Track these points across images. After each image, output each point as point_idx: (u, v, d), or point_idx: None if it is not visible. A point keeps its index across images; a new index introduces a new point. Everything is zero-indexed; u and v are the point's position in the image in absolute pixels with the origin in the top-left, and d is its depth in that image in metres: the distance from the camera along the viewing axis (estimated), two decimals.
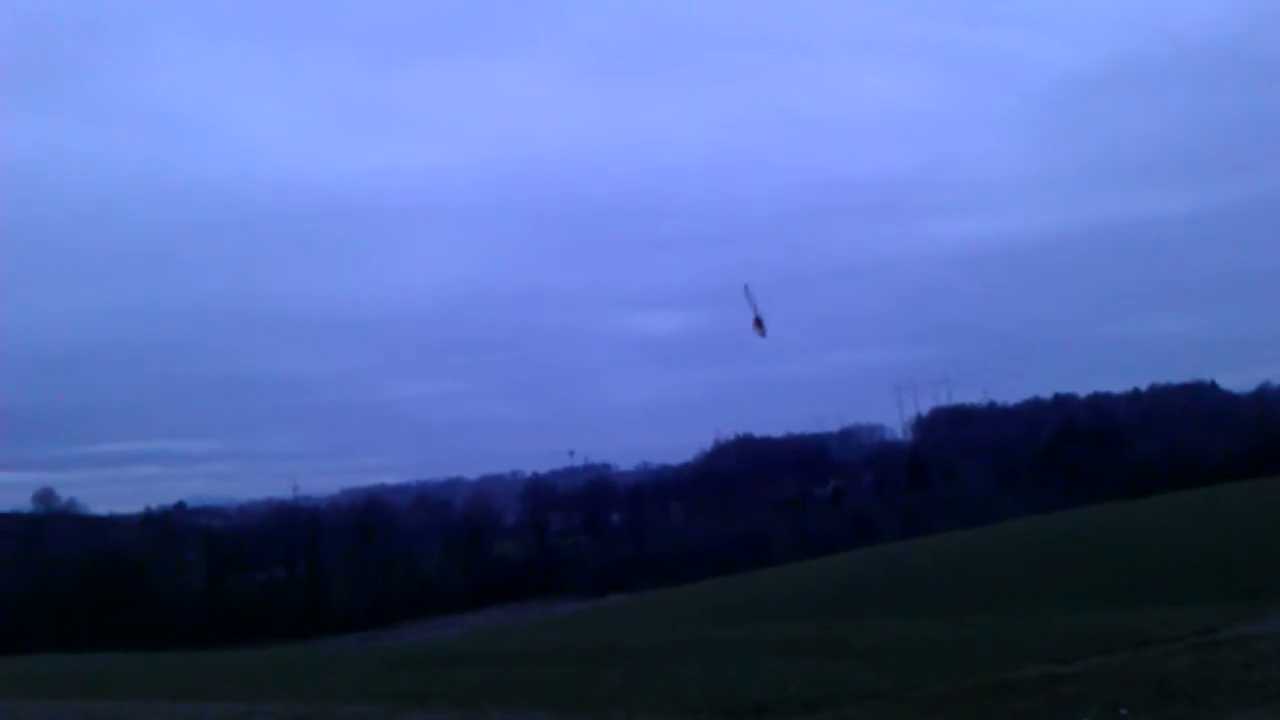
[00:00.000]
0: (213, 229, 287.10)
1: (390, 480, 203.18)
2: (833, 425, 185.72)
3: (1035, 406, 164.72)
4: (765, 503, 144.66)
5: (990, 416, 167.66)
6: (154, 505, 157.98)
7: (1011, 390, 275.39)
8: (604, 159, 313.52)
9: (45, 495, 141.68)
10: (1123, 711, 9.83)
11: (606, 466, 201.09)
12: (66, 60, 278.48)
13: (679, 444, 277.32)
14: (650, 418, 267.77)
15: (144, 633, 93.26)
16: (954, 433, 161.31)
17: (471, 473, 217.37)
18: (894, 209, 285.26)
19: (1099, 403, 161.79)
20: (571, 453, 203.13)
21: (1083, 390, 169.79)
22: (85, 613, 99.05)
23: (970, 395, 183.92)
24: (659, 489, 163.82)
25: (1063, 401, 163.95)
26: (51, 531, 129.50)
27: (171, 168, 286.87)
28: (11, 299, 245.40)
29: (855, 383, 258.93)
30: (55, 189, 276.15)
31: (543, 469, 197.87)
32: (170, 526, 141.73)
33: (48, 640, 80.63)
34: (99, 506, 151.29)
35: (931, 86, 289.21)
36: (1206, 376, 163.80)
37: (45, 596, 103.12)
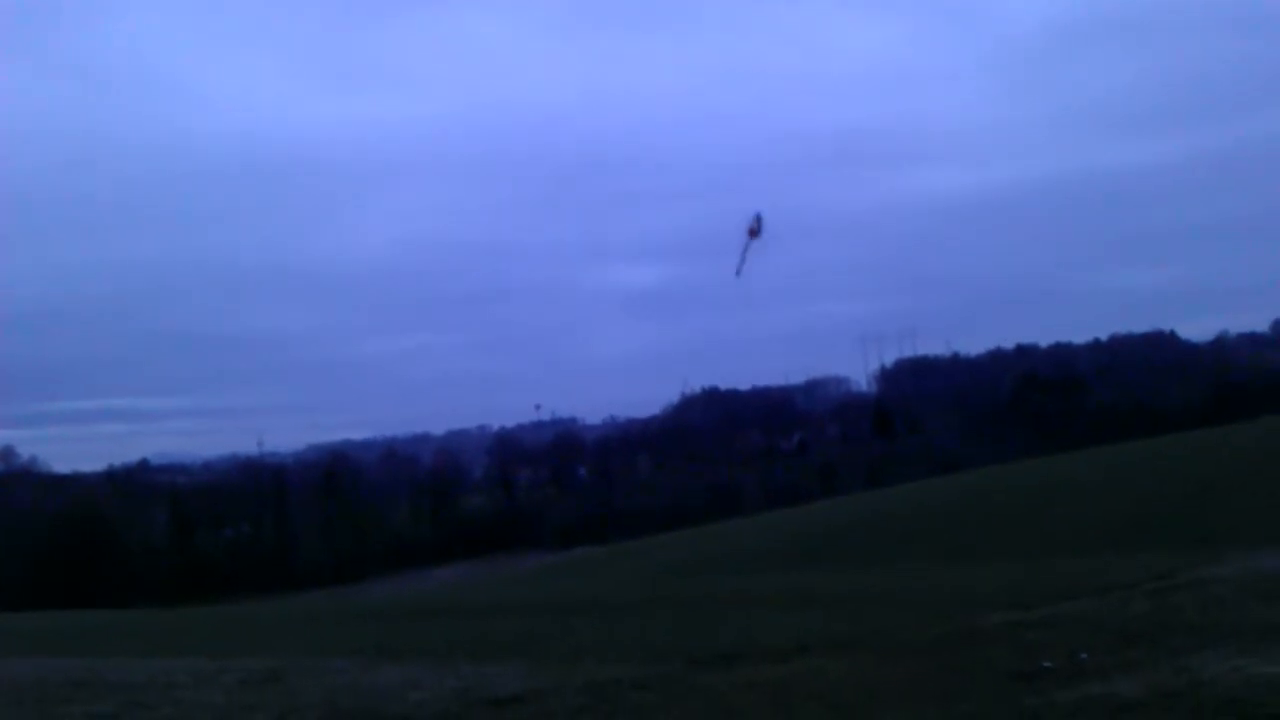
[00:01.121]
0: (182, 183, 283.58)
1: (356, 436, 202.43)
2: (799, 378, 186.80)
3: (998, 357, 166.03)
4: (732, 455, 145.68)
5: (953, 367, 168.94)
6: (117, 463, 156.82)
7: (975, 341, 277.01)
8: (577, 111, 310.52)
9: (6, 453, 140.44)
10: (1083, 655, 10.05)
11: (574, 420, 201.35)
12: (37, 11, 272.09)
13: (646, 397, 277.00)
14: (618, 371, 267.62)
15: (111, 590, 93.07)
16: (918, 384, 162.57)
17: (438, 428, 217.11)
18: (866, 160, 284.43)
19: (1060, 353, 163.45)
20: (538, 407, 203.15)
21: (1044, 341, 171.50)
22: (51, 571, 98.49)
23: (934, 347, 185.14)
24: (626, 442, 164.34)
25: (1025, 352, 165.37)
26: (13, 489, 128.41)
27: (142, 121, 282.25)
28: None
29: (822, 336, 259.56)
30: (23, 142, 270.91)
31: (510, 423, 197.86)
32: (134, 484, 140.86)
33: (13, 599, 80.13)
34: (61, 465, 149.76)
35: (904, 36, 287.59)
36: (1166, 327, 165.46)
37: (10, 555, 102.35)
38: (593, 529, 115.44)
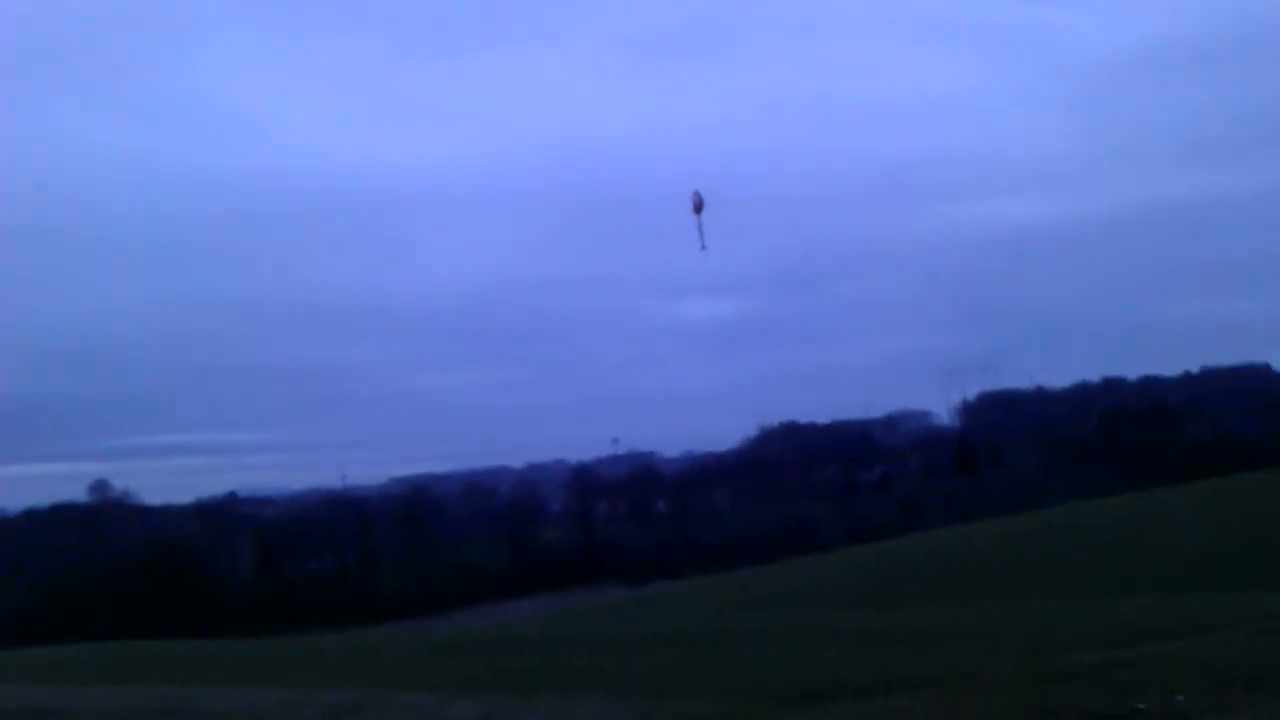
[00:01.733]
0: (260, 222, 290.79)
1: (437, 469, 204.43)
2: (878, 411, 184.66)
3: (1083, 390, 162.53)
4: (811, 489, 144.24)
5: (1038, 401, 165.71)
6: (205, 495, 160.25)
7: (1059, 374, 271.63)
8: (643, 146, 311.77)
9: (100, 486, 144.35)
10: (1179, 698, 9.73)
11: (651, 454, 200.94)
12: (113, 58, 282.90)
13: (723, 431, 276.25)
14: (694, 405, 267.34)
15: (198, 620, 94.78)
16: (1001, 417, 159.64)
17: (516, 461, 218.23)
18: (940, 191, 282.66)
19: (1149, 386, 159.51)
20: (615, 440, 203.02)
21: (1132, 373, 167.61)
22: (142, 601, 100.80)
23: (1017, 380, 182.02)
24: (704, 476, 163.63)
25: (1112, 385, 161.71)
26: (107, 521, 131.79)
27: (218, 162, 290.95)
28: (68, 294, 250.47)
29: (900, 369, 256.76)
30: (106, 185, 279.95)
31: (587, 457, 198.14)
32: (222, 516, 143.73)
33: (105, 628, 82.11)
34: (152, 497, 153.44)
35: (973, 66, 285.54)
36: (1260, 359, 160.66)
37: (103, 585, 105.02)
38: (670, 563, 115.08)
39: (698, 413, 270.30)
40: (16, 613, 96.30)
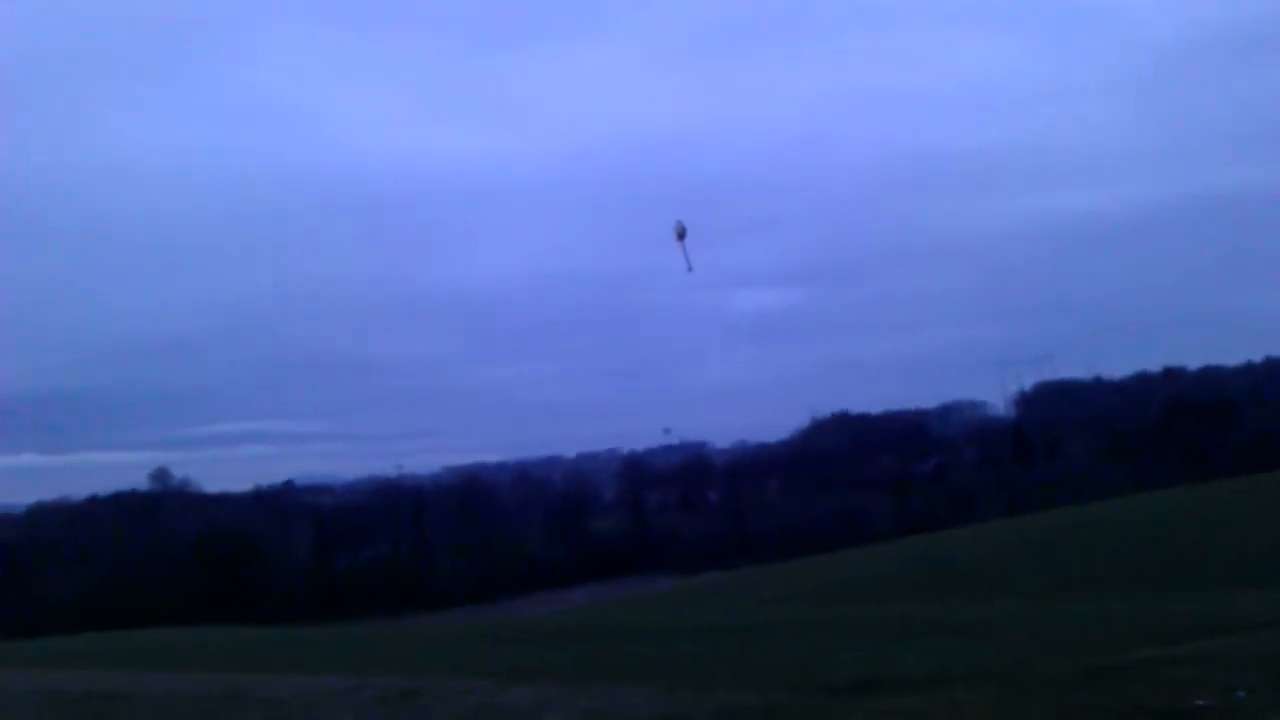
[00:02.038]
0: (320, 216, 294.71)
1: (490, 459, 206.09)
2: (932, 402, 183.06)
3: (1143, 380, 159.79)
4: (864, 480, 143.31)
5: (1096, 391, 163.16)
6: (263, 484, 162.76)
7: (1118, 364, 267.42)
8: (698, 138, 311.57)
9: (161, 474, 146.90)
10: (1239, 694, 9.58)
11: (703, 444, 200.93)
12: (180, 56, 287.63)
13: (776, 421, 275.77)
14: (746, 395, 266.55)
15: (255, 607, 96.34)
16: (1058, 408, 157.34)
17: (569, 451, 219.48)
18: (994, 182, 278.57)
19: (1210, 376, 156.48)
20: (668, 430, 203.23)
21: (1193, 363, 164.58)
22: (201, 588, 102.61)
23: (1075, 370, 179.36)
24: (756, 467, 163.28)
25: (1172, 375, 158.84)
26: (167, 509, 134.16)
27: (279, 157, 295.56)
28: (129, 286, 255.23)
29: (955, 359, 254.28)
30: (170, 180, 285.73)
31: (639, 447, 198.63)
32: (280, 504, 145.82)
33: (165, 614, 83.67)
34: (211, 485, 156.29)
35: (1031, 55, 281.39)
36: None
37: (163, 572, 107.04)
38: (722, 553, 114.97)
39: (750, 403, 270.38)
40: (80, 599, 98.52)
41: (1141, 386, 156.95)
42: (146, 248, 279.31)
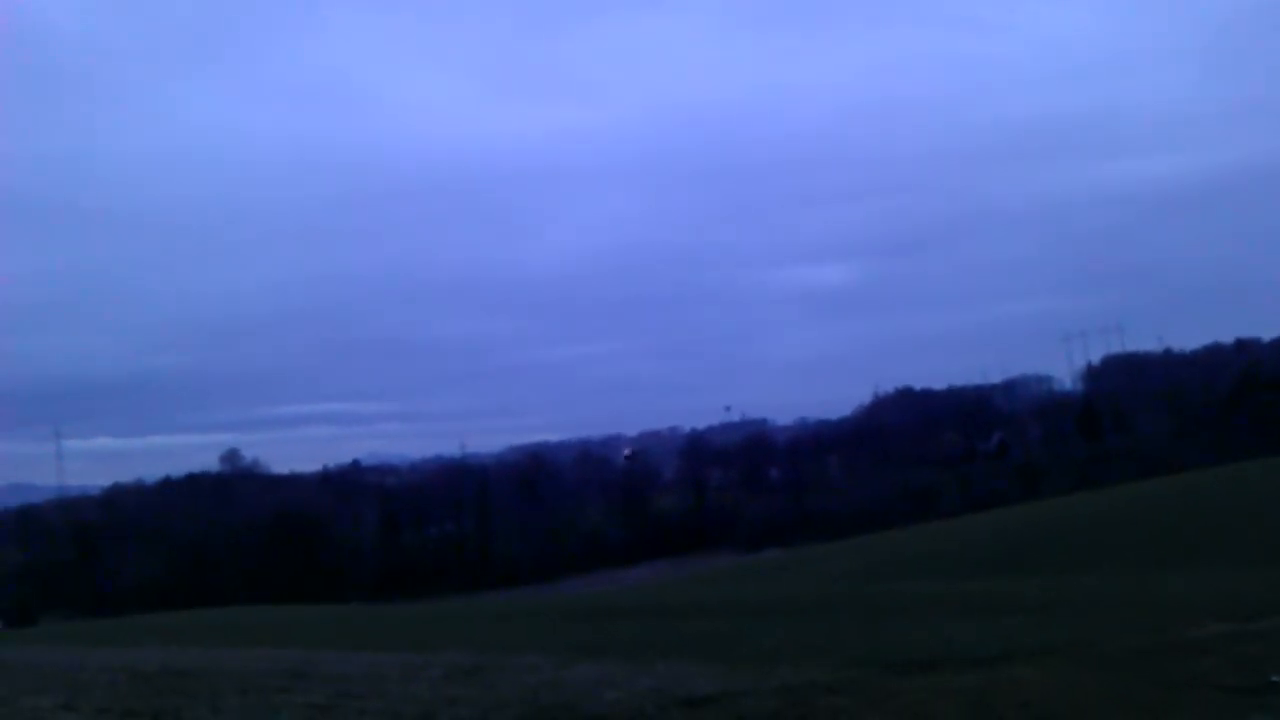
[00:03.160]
0: (385, 196, 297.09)
1: (553, 438, 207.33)
2: (996, 376, 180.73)
3: (1215, 352, 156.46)
4: (928, 456, 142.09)
5: (1167, 364, 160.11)
6: (331, 464, 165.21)
7: (1189, 337, 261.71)
8: (759, 110, 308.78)
9: (231, 455, 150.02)
10: None
11: (764, 421, 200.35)
12: (240, 38, 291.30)
13: (837, 398, 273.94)
14: (808, 372, 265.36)
15: (323, 585, 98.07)
16: (1128, 382, 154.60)
17: (630, 429, 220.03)
18: (1063, 151, 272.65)
19: None
20: (728, 408, 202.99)
21: (1267, 334, 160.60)
22: (270, 567, 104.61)
23: (1144, 343, 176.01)
24: (817, 443, 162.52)
25: (1245, 346, 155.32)
26: (238, 490, 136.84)
27: (343, 140, 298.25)
28: (199, 270, 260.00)
29: (1020, 332, 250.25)
30: (236, 163, 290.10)
31: (700, 425, 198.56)
32: (347, 484, 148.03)
33: (236, 592, 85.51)
34: (280, 466, 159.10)
35: (1103, 19, 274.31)
36: None
37: (234, 552, 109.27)
38: (784, 530, 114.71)
39: (812, 380, 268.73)
40: (155, 578, 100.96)
41: (1213, 358, 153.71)
42: (215, 232, 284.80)
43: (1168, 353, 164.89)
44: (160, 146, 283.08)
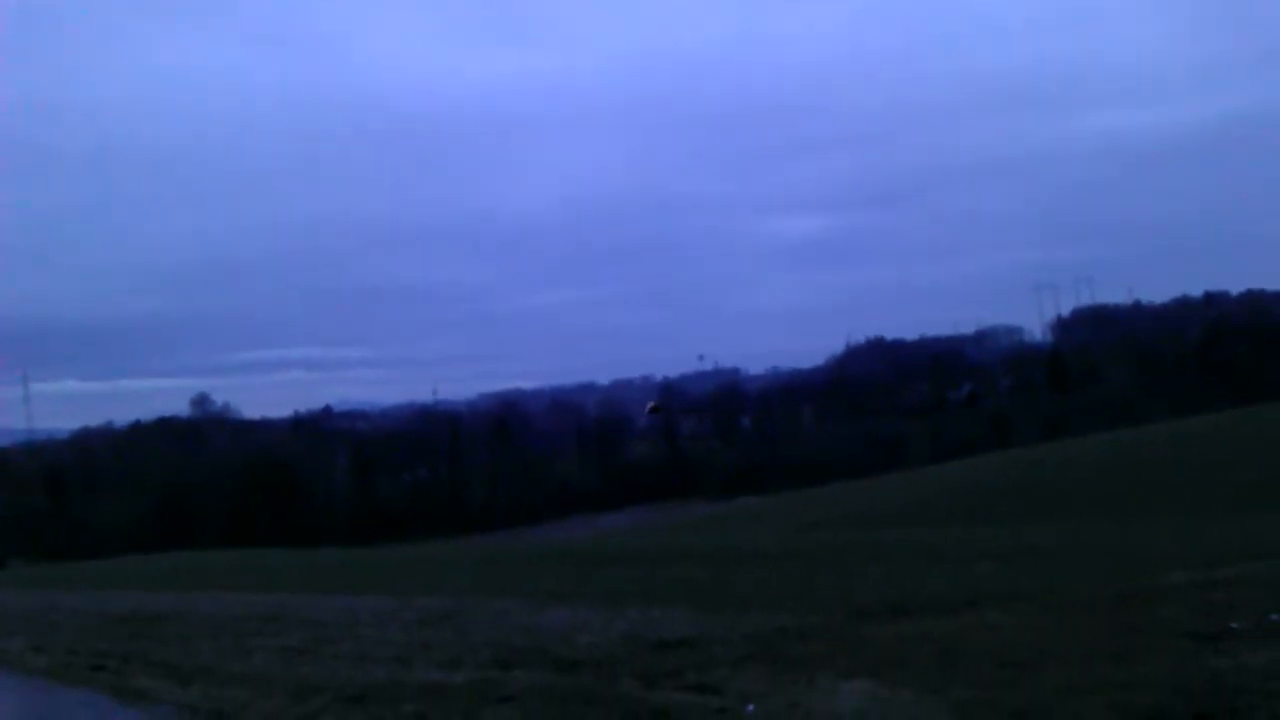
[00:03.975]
0: (358, 142, 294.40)
1: (526, 385, 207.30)
2: (968, 327, 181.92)
3: (1184, 305, 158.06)
4: (899, 406, 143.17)
5: (1136, 316, 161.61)
6: (302, 409, 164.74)
7: (1159, 289, 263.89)
8: (736, 59, 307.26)
9: (202, 400, 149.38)
10: (1273, 616, 9.57)
11: (737, 371, 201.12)
12: None
13: (810, 347, 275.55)
14: (780, 321, 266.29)
15: (298, 531, 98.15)
16: (1097, 333, 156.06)
17: (603, 377, 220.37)
18: (1038, 103, 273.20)
19: (1253, 300, 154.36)
20: (701, 357, 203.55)
21: (1236, 288, 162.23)
22: (243, 512, 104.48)
23: (1114, 295, 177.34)
24: (790, 392, 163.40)
25: (1214, 299, 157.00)
26: (208, 435, 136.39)
27: (318, 82, 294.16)
28: (169, 214, 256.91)
29: (992, 284, 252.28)
30: (211, 106, 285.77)
31: (673, 373, 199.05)
32: (319, 430, 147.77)
33: (210, 537, 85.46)
34: (251, 411, 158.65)
35: None
36: None
37: (207, 496, 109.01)
38: (755, 479, 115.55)
39: (784, 329, 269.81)
40: (126, 523, 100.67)
41: (1181, 311, 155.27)
42: (186, 176, 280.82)
43: (1137, 305, 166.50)
44: (130, 89, 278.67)
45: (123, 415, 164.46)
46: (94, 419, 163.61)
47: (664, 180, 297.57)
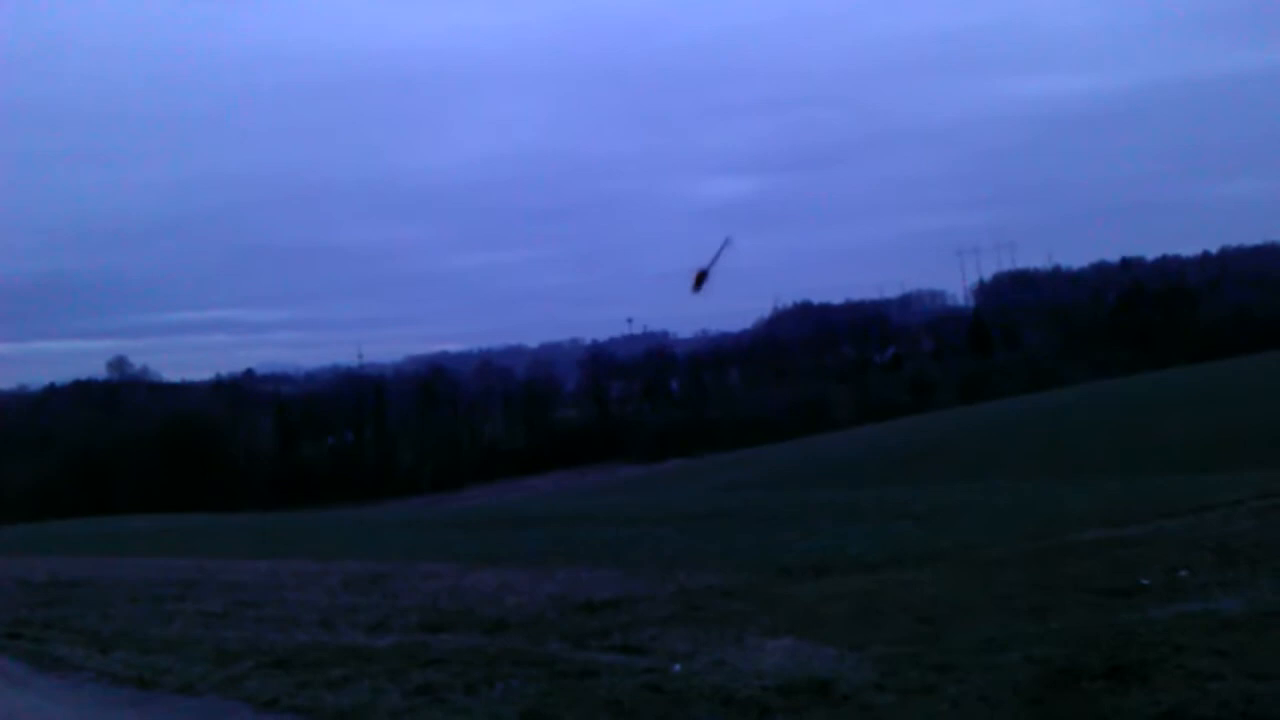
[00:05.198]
0: (282, 98, 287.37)
1: (452, 348, 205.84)
2: (893, 291, 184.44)
3: (1101, 270, 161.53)
4: (824, 369, 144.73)
5: (1055, 280, 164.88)
6: (224, 373, 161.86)
7: (1077, 254, 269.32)
8: (667, 18, 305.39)
9: (119, 363, 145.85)
10: (1182, 573, 9.89)
11: (665, 334, 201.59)
12: None
13: (738, 311, 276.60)
14: (709, 285, 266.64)
15: (219, 495, 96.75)
16: (1017, 297, 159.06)
17: (532, 340, 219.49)
18: (963, 67, 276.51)
19: (1168, 265, 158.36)
20: (630, 320, 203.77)
21: (1151, 253, 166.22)
22: (163, 476, 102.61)
23: (1035, 260, 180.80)
24: (718, 356, 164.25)
25: (1130, 264, 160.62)
26: (126, 398, 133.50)
27: (240, 35, 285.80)
28: (85, 170, 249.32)
29: (917, 249, 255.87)
30: (123, 60, 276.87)
31: (602, 336, 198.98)
32: (240, 393, 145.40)
33: (128, 502, 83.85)
34: (171, 374, 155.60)
35: None
36: None
37: (125, 460, 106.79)
38: (683, 441, 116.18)
39: (712, 293, 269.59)
40: (42, 487, 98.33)
41: (1099, 276, 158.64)
42: (105, 129, 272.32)
43: (1056, 270, 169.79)
44: (49, 39, 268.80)
45: (38, 378, 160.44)
46: (8, 383, 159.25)
47: (592, 141, 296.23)
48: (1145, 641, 7.33)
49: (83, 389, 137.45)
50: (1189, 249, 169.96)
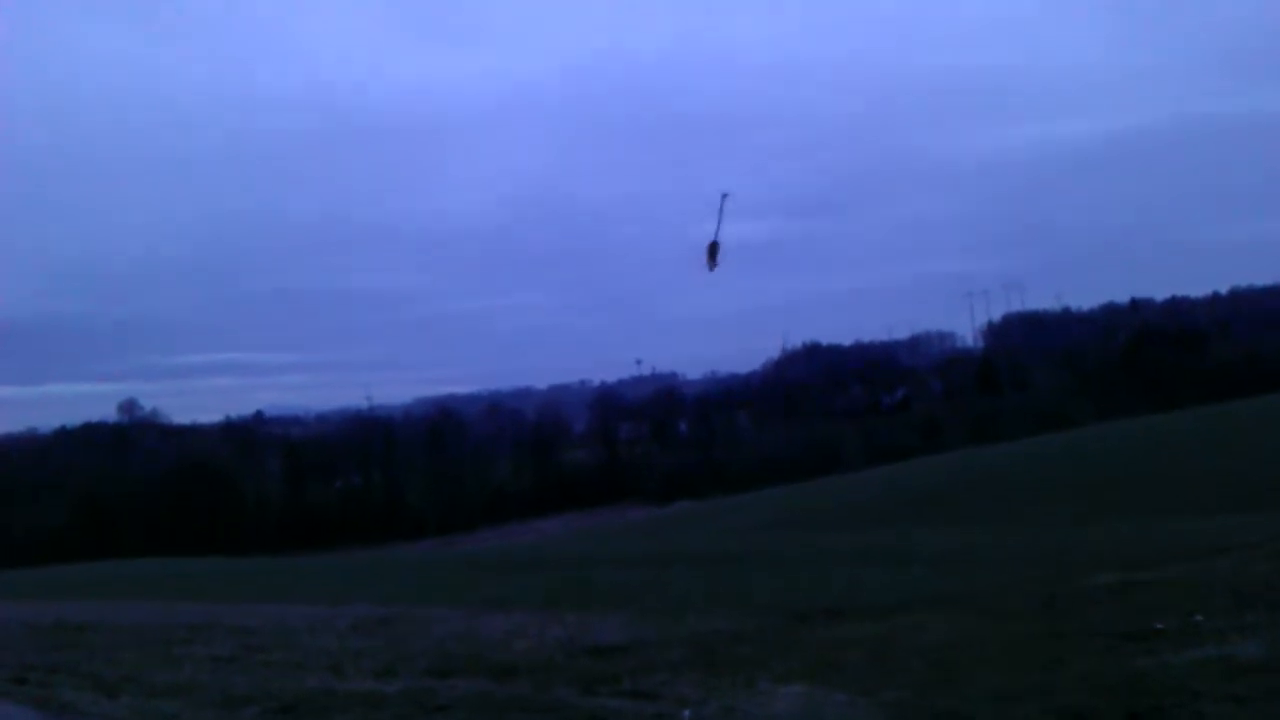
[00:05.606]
0: (290, 142, 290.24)
1: (461, 390, 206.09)
2: (902, 333, 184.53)
3: (1111, 311, 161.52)
4: (834, 411, 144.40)
5: (1064, 322, 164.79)
6: (234, 415, 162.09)
7: (1087, 296, 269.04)
8: (676, 64, 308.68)
9: (129, 405, 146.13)
10: (1197, 617, 9.79)
11: (674, 375, 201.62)
12: None
13: (747, 352, 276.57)
14: (718, 327, 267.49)
15: (228, 538, 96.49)
16: (1026, 338, 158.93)
17: (541, 382, 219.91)
18: (971, 111, 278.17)
19: (1177, 306, 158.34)
20: (639, 362, 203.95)
21: (1160, 294, 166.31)
22: (172, 518, 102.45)
23: (1044, 302, 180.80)
24: (727, 397, 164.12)
25: (1139, 305, 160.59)
26: (136, 440, 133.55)
27: (250, 80, 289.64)
28: (95, 214, 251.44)
29: (926, 290, 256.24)
30: (136, 103, 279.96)
31: (611, 378, 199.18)
32: (250, 436, 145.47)
33: (136, 545, 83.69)
34: (180, 416, 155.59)
35: None
36: None
37: (134, 503, 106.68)
38: (692, 483, 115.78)
39: (721, 335, 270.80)
40: (50, 530, 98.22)
41: (1109, 317, 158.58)
42: (116, 173, 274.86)
43: (1066, 311, 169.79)
44: (60, 85, 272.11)
45: (48, 421, 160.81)
46: (17, 425, 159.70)
47: (600, 184, 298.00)
48: (1161, 688, 7.24)
49: (92, 431, 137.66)
50: (1198, 290, 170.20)
